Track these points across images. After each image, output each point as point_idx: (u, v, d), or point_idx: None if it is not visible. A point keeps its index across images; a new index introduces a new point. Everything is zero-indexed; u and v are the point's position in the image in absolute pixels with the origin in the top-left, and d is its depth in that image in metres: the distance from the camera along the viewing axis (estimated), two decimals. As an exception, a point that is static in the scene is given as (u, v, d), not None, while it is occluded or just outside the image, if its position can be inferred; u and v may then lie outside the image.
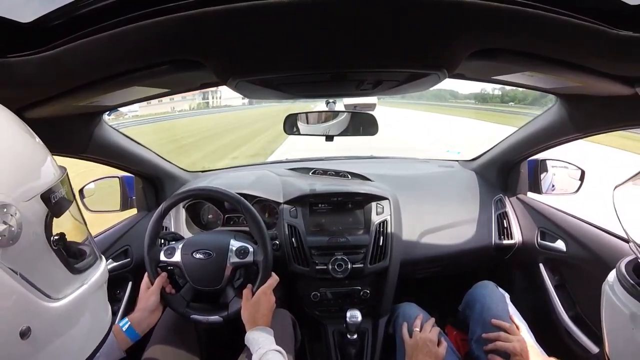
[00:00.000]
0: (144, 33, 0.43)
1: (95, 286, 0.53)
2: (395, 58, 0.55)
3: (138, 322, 0.87)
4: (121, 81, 0.57)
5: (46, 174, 0.46)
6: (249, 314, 0.88)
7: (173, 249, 0.96)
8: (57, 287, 0.46)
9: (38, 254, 0.43)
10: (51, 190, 0.45)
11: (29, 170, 0.44)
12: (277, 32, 0.46)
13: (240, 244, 0.97)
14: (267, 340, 0.81)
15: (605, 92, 0.71)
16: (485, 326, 0.97)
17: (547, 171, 1.30)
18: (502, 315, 0.98)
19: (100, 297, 0.56)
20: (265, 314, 0.88)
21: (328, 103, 1.26)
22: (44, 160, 0.47)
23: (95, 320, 0.55)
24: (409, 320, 1.05)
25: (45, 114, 0.68)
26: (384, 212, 1.22)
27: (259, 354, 0.78)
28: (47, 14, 0.42)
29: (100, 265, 0.57)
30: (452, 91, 45.69)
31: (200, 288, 0.95)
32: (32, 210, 0.42)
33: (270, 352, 0.78)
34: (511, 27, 0.45)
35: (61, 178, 0.48)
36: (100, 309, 0.57)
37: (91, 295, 0.52)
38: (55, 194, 0.45)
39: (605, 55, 0.50)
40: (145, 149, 1.25)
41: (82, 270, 0.51)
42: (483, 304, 1.02)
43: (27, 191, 0.42)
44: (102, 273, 0.56)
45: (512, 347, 0.88)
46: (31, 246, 0.42)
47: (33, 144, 0.47)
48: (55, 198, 0.45)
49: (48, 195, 0.44)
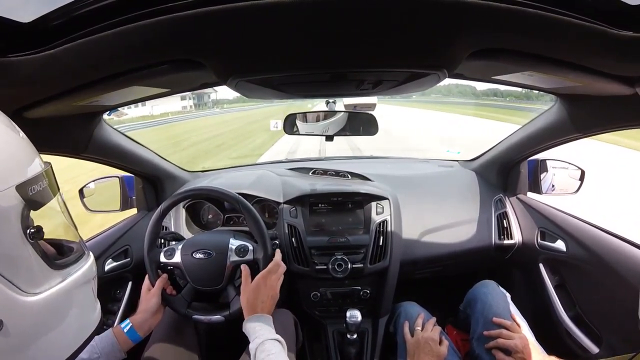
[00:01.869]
0: (144, 33, 0.43)
1: (79, 282, 0.52)
2: (395, 58, 0.55)
3: (140, 323, 0.87)
4: (121, 81, 0.57)
5: (23, 166, 0.45)
6: (247, 300, 0.84)
7: (173, 250, 0.96)
8: (33, 281, 0.45)
9: (12, 246, 0.43)
10: (28, 183, 0.44)
11: (5, 162, 0.43)
12: (277, 32, 0.46)
13: (240, 242, 0.97)
14: (264, 329, 0.76)
15: (605, 92, 0.71)
16: (486, 324, 0.97)
17: (547, 171, 1.30)
18: (504, 313, 0.98)
19: (86, 293, 0.55)
20: (265, 301, 0.83)
21: (328, 103, 1.26)
22: (24, 154, 0.47)
23: (80, 317, 0.54)
24: (410, 319, 1.05)
25: (46, 113, 0.68)
26: (384, 212, 1.22)
27: (255, 343, 0.73)
28: (47, 13, 0.42)
29: (87, 261, 0.56)
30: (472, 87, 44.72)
31: (201, 288, 0.95)
32: (6, 201, 0.42)
33: (268, 342, 0.73)
34: (511, 27, 0.45)
35: (41, 171, 0.47)
36: (86, 306, 0.56)
37: (74, 291, 0.51)
38: (33, 186, 0.45)
39: (605, 55, 0.50)
40: (145, 149, 1.26)
41: (63, 266, 0.50)
42: (484, 302, 1.02)
43: (1, 181, 0.41)
44: (87, 269, 0.55)
45: (513, 344, 0.89)
46: (5, 238, 0.42)
47: (13, 138, 0.46)
48: (33, 191, 0.45)
49: (25, 187, 0.44)
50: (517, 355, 0.88)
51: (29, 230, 0.44)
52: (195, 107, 41.73)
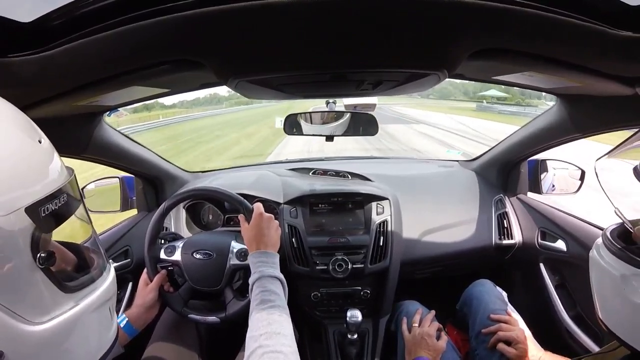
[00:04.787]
0: (144, 33, 0.43)
1: (95, 304, 0.46)
2: (395, 58, 0.55)
3: (135, 318, 0.87)
4: (121, 81, 0.57)
5: (35, 183, 0.39)
6: (250, 236, 0.78)
7: (173, 248, 0.97)
8: (41, 308, 0.40)
9: (18, 274, 0.38)
10: (40, 202, 0.38)
11: (13, 178, 0.37)
12: (277, 32, 0.46)
13: (242, 246, 0.96)
14: (265, 266, 0.70)
15: (605, 92, 0.71)
16: (483, 321, 0.98)
17: (547, 171, 1.30)
18: (500, 310, 1.00)
19: (102, 315, 0.49)
20: (272, 235, 0.77)
21: (328, 103, 1.26)
22: (38, 167, 0.41)
23: (93, 340, 0.48)
24: (409, 316, 1.06)
25: (46, 113, 0.68)
26: (384, 212, 1.22)
27: (252, 279, 0.68)
28: (47, 13, 0.42)
29: (105, 279, 0.50)
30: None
31: (199, 288, 0.95)
32: (14, 225, 0.36)
33: (265, 279, 0.66)
34: (512, 28, 0.45)
35: (58, 187, 0.41)
36: (102, 327, 0.50)
37: (89, 315, 0.45)
38: (47, 206, 0.39)
39: (605, 56, 0.50)
40: (145, 149, 1.25)
41: (79, 288, 0.44)
42: (480, 300, 1.03)
43: (7, 202, 0.36)
44: (105, 289, 0.49)
45: (515, 335, 0.90)
46: (11, 265, 0.37)
47: (24, 148, 0.40)
48: (47, 211, 0.39)
49: (36, 208, 0.37)
50: (518, 346, 0.89)
51: (39, 254, 0.38)
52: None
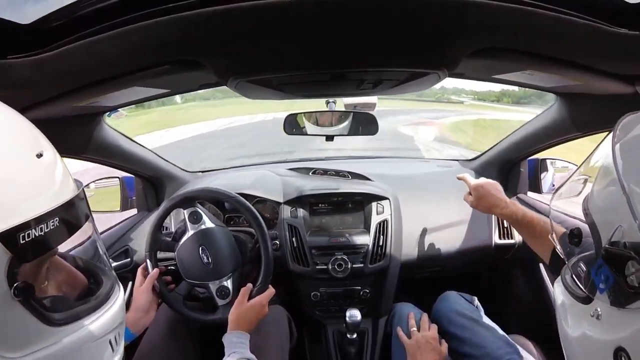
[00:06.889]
0: (144, 33, 0.43)
1: (90, 338, 0.39)
2: (395, 57, 0.55)
3: (133, 322, 0.85)
4: (121, 82, 0.57)
5: (21, 203, 0.34)
6: (236, 316, 0.87)
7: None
8: (17, 344, 0.34)
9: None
10: (19, 228, 0.32)
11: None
12: (277, 32, 0.46)
13: (228, 285, 0.97)
14: (242, 347, 0.82)
15: (605, 91, 0.71)
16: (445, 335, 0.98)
17: (548, 170, 1.30)
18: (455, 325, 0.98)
19: (99, 350, 0.41)
20: (252, 321, 0.88)
21: (328, 103, 1.26)
22: (29, 185, 0.35)
23: None
24: (401, 320, 1.05)
25: (45, 114, 0.68)
26: (384, 212, 1.21)
27: (231, 357, 0.78)
28: (46, 15, 0.42)
29: (109, 308, 0.43)
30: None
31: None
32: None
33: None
34: (511, 26, 0.45)
35: (46, 211, 0.35)
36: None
37: (81, 348, 0.38)
38: (26, 232, 0.33)
39: (605, 54, 0.50)
40: (145, 149, 1.26)
41: (69, 320, 0.38)
42: (443, 318, 1.03)
43: None
44: (108, 320, 0.42)
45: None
46: None
47: (19, 163, 0.35)
48: (27, 238, 0.33)
49: (13, 234, 0.32)
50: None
51: (16, 285, 0.33)
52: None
